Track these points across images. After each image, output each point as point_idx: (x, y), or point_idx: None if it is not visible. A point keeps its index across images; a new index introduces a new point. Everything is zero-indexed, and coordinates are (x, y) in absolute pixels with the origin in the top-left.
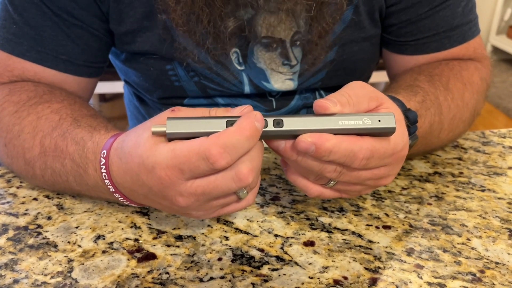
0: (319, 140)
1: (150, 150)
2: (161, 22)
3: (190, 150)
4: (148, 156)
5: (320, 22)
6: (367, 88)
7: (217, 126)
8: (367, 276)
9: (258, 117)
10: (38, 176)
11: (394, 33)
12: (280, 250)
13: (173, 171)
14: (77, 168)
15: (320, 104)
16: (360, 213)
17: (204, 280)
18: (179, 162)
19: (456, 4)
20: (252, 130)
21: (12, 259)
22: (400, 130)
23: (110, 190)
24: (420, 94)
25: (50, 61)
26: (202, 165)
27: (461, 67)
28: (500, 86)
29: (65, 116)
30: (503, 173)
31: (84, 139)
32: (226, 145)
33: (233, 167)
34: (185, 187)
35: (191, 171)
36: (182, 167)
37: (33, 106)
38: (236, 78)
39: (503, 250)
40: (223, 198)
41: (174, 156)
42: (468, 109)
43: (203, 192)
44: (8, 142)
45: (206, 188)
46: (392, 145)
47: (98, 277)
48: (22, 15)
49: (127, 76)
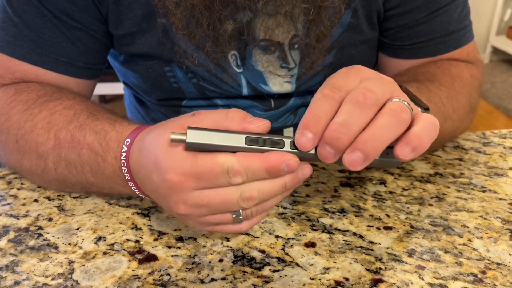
0: None
1: (168, 153)
2: (160, 25)
3: (215, 162)
4: (165, 158)
5: (318, 25)
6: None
7: (236, 141)
8: (368, 277)
9: (290, 163)
10: (50, 170)
11: (391, 37)
12: (281, 251)
13: (189, 178)
14: (95, 157)
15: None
16: (361, 214)
17: (205, 281)
18: (200, 171)
19: (452, 10)
20: (274, 168)
21: (13, 261)
22: None
23: (126, 178)
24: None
25: (50, 63)
26: (221, 178)
27: (450, 64)
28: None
29: (79, 111)
30: (504, 174)
31: (105, 129)
32: (248, 168)
33: (241, 188)
34: (192, 196)
35: (209, 181)
36: (201, 176)
37: (44, 103)
38: (235, 81)
39: (504, 251)
40: (220, 216)
41: (196, 165)
42: (463, 96)
43: (207, 203)
44: (20, 138)
45: (211, 200)
46: None
47: (99, 279)
48: (21, 17)
49: (126, 77)
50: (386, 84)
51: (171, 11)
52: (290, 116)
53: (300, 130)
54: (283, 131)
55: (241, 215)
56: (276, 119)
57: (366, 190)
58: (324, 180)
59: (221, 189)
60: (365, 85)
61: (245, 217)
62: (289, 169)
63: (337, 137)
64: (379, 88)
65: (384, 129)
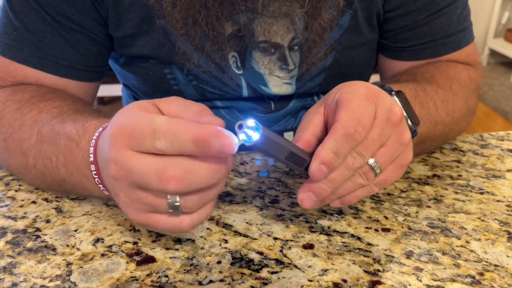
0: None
1: (122, 111)
2: (160, 26)
3: (148, 120)
4: (117, 115)
5: (317, 18)
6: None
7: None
8: (366, 279)
9: (224, 141)
10: (31, 167)
11: (391, 38)
12: (279, 253)
13: (124, 132)
14: (69, 143)
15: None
16: (359, 216)
17: (204, 283)
18: (134, 126)
19: (452, 12)
20: (202, 139)
21: (11, 263)
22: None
23: (90, 159)
24: (398, 83)
25: (51, 66)
26: (147, 138)
27: (448, 65)
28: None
29: (66, 109)
30: (501, 176)
31: (87, 119)
32: (173, 132)
33: (165, 164)
34: (122, 155)
35: (137, 139)
36: (133, 132)
37: (35, 103)
38: (235, 82)
39: (502, 252)
40: (153, 196)
41: (133, 120)
42: (460, 99)
43: (130, 169)
44: (8, 137)
45: (134, 167)
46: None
47: (97, 281)
48: (22, 21)
49: (126, 79)
50: (392, 126)
51: (168, 12)
52: (291, 119)
53: (317, 162)
54: (283, 135)
55: (177, 201)
56: (277, 122)
57: None
58: None
59: (146, 157)
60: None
61: (184, 208)
62: (222, 148)
63: (328, 190)
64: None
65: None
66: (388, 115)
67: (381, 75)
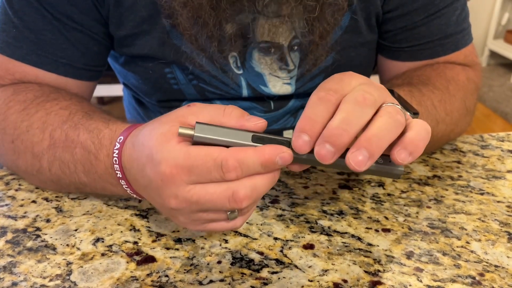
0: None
1: (161, 145)
2: (161, 26)
3: (208, 155)
4: (158, 150)
5: (322, 22)
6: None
7: (242, 138)
8: (366, 279)
9: (285, 155)
10: (45, 170)
11: (390, 39)
12: (279, 253)
13: (181, 170)
14: (87, 155)
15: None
16: (359, 216)
17: (204, 283)
18: (193, 163)
19: (450, 13)
20: (269, 161)
21: (11, 262)
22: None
23: (117, 175)
24: (393, 87)
25: (50, 64)
26: (214, 172)
27: (445, 67)
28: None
29: (75, 111)
30: (502, 177)
31: (99, 127)
32: (242, 162)
33: (233, 188)
34: (183, 191)
35: (201, 174)
36: (193, 169)
37: (41, 103)
38: (234, 82)
39: (502, 253)
40: (213, 213)
41: (189, 157)
42: (457, 99)
43: (197, 200)
44: (16, 138)
45: (201, 198)
46: None
47: (97, 280)
48: (22, 19)
49: (126, 79)
50: (379, 89)
51: (177, 11)
52: (290, 118)
53: (297, 133)
54: (283, 133)
55: (236, 212)
56: (276, 121)
57: (364, 192)
58: (322, 182)
59: (211, 186)
60: (362, 88)
61: (241, 214)
62: (283, 162)
63: (338, 134)
64: (375, 92)
65: (384, 129)
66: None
67: (380, 76)
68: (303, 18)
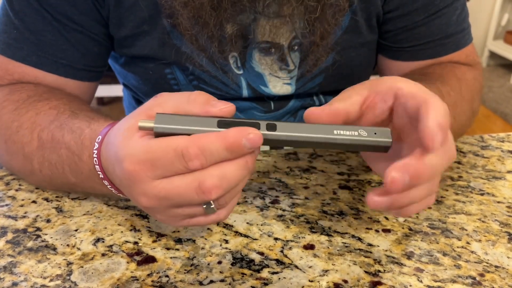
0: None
1: (124, 141)
2: (161, 27)
3: (169, 146)
4: (122, 147)
5: (323, 23)
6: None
7: (207, 125)
8: (367, 280)
9: (252, 137)
10: (36, 171)
11: (390, 39)
12: (280, 253)
13: (144, 166)
14: (72, 156)
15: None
16: (359, 216)
17: (204, 283)
18: (154, 157)
19: (451, 13)
20: (234, 144)
21: (11, 262)
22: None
23: (100, 176)
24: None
25: (50, 65)
26: (176, 163)
27: (453, 66)
28: (497, 91)
29: (63, 110)
30: (502, 177)
31: (81, 127)
32: (204, 148)
33: (199, 178)
34: (150, 187)
35: (164, 167)
36: (155, 163)
37: (32, 103)
38: (234, 82)
39: (502, 253)
40: (188, 208)
41: (149, 151)
42: (467, 102)
43: (165, 196)
44: (8, 139)
45: (169, 193)
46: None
47: (98, 280)
48: (22, 20)
49: (126, 79)
50: None
51: (178, 11)
52: (290, 118)
53: (401, 172)
54: None
55: (212, 205)
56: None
57: (364, 192)
58: (322, 183)
59: (177, 179)
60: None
61: (218, 206)
62: (252, 144)
63: (404, 203)
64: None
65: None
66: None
67: (381, 76)
68: (303, 19)
